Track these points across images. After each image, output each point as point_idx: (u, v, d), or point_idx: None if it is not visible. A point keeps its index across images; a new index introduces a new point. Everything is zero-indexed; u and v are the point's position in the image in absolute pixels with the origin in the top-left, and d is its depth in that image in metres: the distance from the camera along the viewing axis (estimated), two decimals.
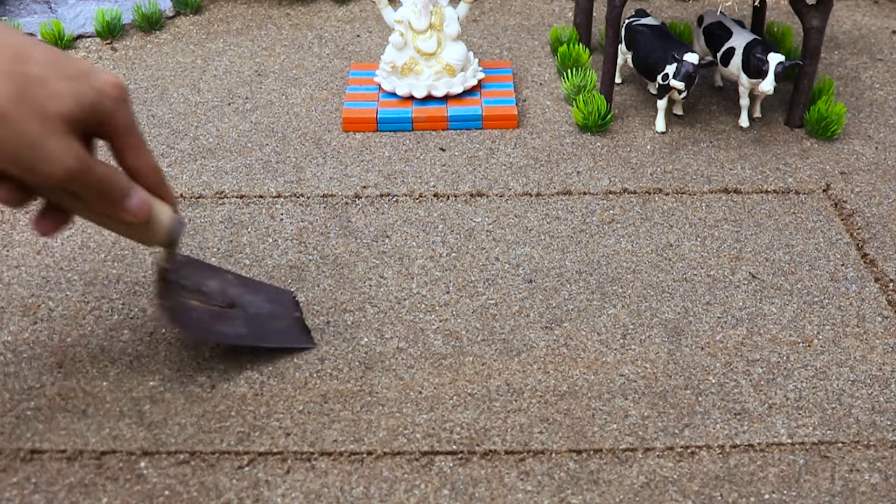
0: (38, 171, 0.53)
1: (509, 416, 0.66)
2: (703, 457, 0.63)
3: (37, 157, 0.53)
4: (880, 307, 0.76)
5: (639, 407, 0.67)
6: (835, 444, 0.64)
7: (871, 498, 0.60)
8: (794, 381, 0.69)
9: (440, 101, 1.05)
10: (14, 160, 0.52)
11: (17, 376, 0.69)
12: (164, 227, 0.64)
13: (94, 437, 0.64)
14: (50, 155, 0.53)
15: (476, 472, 0.62)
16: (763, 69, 0.96)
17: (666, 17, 1.28)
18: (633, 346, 0.72)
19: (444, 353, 0.71)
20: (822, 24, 0.97)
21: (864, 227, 0.86)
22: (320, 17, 1.33)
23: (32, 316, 0.75)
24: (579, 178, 0.93)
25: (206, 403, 0.67)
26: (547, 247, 0.83)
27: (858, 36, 1.26)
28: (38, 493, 0.60)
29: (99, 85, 0.56)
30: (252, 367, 0.70)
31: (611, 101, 1.02)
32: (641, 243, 0.84)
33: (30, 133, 0.52)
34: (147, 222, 0.62)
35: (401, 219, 0.87)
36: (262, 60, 1.20)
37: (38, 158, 0.53)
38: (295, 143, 1.00)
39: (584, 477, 0.61)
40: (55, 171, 0.53)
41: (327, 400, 0.67)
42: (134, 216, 0.60)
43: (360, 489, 0.60)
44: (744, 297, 0.77)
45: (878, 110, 1.07)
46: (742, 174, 0.94)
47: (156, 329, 0.74)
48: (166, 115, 1.06)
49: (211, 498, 0.60)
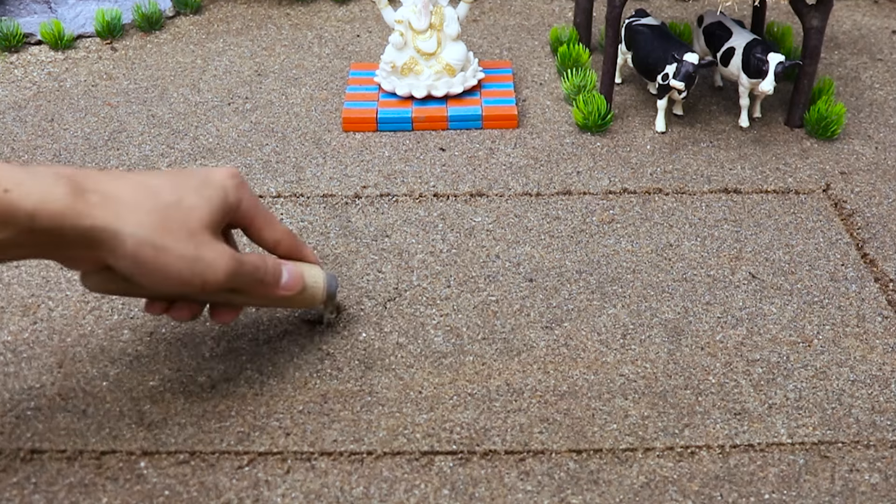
0: (205, 283, 0.58)
1: (509, 416, 0.66)
2: (703, 457, 0.63)
3: (199, 272, 0.58)
4: (880, 307, 0.76)
5: (639, 407, 0.67)
6: (835, 444, 0.64)
7: (871, 498, 0.60)
8: (794, 381, 0.69)
9: (440, 101, 1.05)
10: (183, 282, 0.58)
11: (17, 376, 0.69)
12: (321, 287, 0.69)
13: (94, 437, 0.64)
14: (209, 264, 0.58)
15: (476, 472, 0.62)
16: (763, 69, 0.96)
17: (666, 17, 1.28)
18: (633, 346, 0.72)
19: (444, 352, 0.71)
20: (822, 24, 0.97)
21: (864, 227, 0.86)
22: (320, 17, 1.33)
23: (32, 316, 0.75)
24: (579, 178, 0.93)
25: (206, 403, 0.67)
26: (547, 246, 0.83)
27: (858, 36, 1.26)
28: (38, 493, 0.60)
29: (219, 182, 0.61)
30: (252, 367, 0.70)
31: (611, 101, 1.02)
32: (641, 243, 0.84)
33: (186, 253, 0.57)
34: (304, 290, 0.67)
35: (401, 219, 0.87)
36: (262, 60, 1.20)
37: (201, 272, 0.58)
38: (295, 143, 1.00)
39: (584, 477, 0.61)
40: (218, 277, 0.59)
41: (327, 400, 0.67)
42: (291, 290, 0.65)
43: (360, 489, 0.60)
44: (744, 297, 0.77)
45: (878, 110, 1.07)
46: (742, 174, 0.94)
47: (156, 329, 0.74)
48: (166, 115, 1.06)
49: (211, 498, 0.60)
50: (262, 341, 0.72)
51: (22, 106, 1.09)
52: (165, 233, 0.56)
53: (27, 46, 1.23)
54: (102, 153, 0.99)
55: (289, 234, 0.67)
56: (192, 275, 0.57)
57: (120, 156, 0.98)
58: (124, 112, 1.07)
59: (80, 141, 1.01)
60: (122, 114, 1.07)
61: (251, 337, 0.73)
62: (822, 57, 1.17)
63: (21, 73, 1.17)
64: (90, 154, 0.99)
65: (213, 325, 0.74)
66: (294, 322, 0.74)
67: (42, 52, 1.22)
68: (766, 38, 1.16)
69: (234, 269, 0.59)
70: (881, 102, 1.09)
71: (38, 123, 1.05)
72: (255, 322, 0.74)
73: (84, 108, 1.08)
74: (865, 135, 1.02)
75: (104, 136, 1.02)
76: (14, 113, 1.07)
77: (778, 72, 0.95)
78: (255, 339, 0.72)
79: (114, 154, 0.99)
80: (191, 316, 0.64)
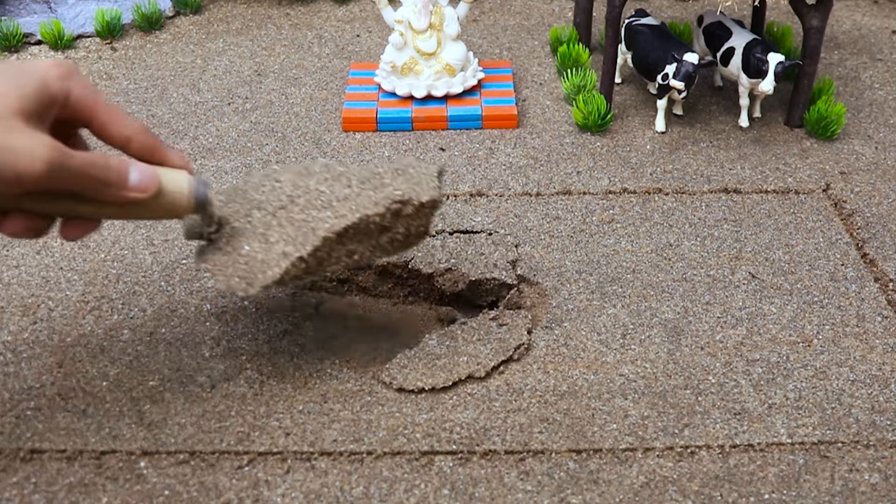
0: (19, 175, 0.51)
1: (509, 416, 0.66)
2: (702, 457, 0.63)
3: (9, 162, 0.51)
4: (880, 307, 0.76)
5: (639, 407, 0.67)
6: (835, 444, 0.64)
7: (870, 498, 0.60)
8: (794, 381, 0.69)
9: (440, 101, 1.05)
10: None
11: (17, 376, 0.69)
12: (184, 192, 0.59)
13: (93, 437, 0.64)
14: (20, 152, 0.51)
15: (476, 471, 0.62)
16: (763, 69, 0.96)
17: (666, 17, 1.28)
18: (633, 346, 0.72)
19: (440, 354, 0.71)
20: (821, 24, 0.97)
21: (863, 227, 0.86)
22: (320, 17, 1.33)
23: (32, 316, 0.75)
24: (579, 178, 0.93)
25: (206, 403, 0.67)
26: (547, 246, 0.83)
27: (858, 36, 1.26)
28: (37, 493, 0.60)
29: (40, 71, 0.54)
30: (252, 367, 0.70)
31: (611, 101, 1.02)
32: (641, 243, 0.84)
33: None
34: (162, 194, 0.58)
35: None
36: (262, 60, 1.20)
37: (11, 162, 0.51)
38: (295, 143, 1.00)
39: (584, 477, 0.61)
40: (35, 167, 0.51)
41: (327, 400, 0.67)
42: (143, 191, 0.57)
43: (360, 489, 0.60)
44: (744, 297, 0.77)
45: (877, 110, 1.07)
46: (742, 174, 0.94)
47: (156, 329, 0.74)
48: (166, 115, 1.06)
49: (211, 498, 0.60)
50: (262, 341, 0.72)
51: None
52: None
53: (27, 46, 1.23)
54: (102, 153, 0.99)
55: (143, 130, 0.59)
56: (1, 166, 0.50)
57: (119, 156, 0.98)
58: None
59: None
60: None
61: (251, 337, 0.73)
62: (822, 57, 1.17)
63: None
64: None
65: (213, 325, 0.74)
66: (294, 322, 0.74)
67: (42, 52, 1.22)
68: (766, 38, 1.16)
69: (57, 160, 0.52)
70: (881, 102, 1.09)
71: None
72: (255, 322, 0.74)
73: None
74: (865, 135, 1.02)
75: None
76: None
77: (778, 72, 0.95)
78: (255, 339, 0.72)
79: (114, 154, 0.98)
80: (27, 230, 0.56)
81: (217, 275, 0.63)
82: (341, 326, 0.75)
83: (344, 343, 0.73)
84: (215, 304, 0.76)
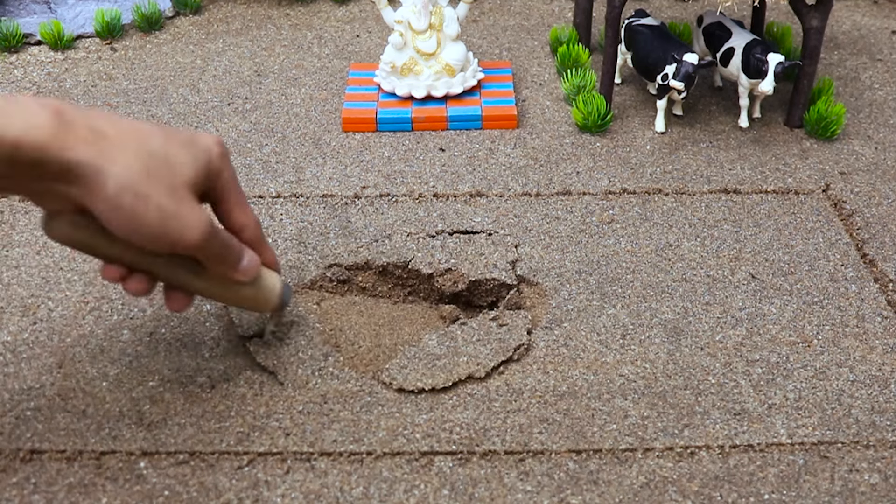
0: (178, 242, 0.56)
1: (509, 417, 0.66)
2: (702, 457, 0.63)
3: (176, 229, 0.55)
4: (880, 307, 0.76)
5: (638, 407, 0.67)
6: (834, 445, 0.64)
7: (870, 498, 0.60)
8: (794, 382, 0.69)
9: (440, 102, 1.05)
10: (156, 237, 0.55)
11: (17, 376, 0.69)
12: (276, 291, 0.67)
13: (93, 438, 0.64)
14: (186, 222, 0.55)
15: (476, 472, 0.62)
16: (763, 69, 0.96)
17: (666, 17, 1.28)
18: (633, 347, 0.72)
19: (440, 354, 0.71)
20: (821, 24, 0.97)
21: (863, 227, 0.86)
22: (320, 18, 1.33)
23: (32, 316, 0.75)
24: (579, 179, 0.93)
25: (206, 404, 0.67)
26: (547, 247, 0.83)
27: (858, 36, 1.26)
28: (37, 493, 0.60)
29: (207, 146, 0.59)
30: (251, 367, 0.70)
31: (610, 102, 1.02)
32: (641, 243, 0.84)
33: (166, 206, 0.54)
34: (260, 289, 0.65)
35: (401, 219, 0.87)
36: (262, 61, 1.20)
37: (178, 229, 0.55)
38: (294, 144, 1.00)
39: (584, 477, 0.61)
40: (193, 237, 0.56)
41: (327, 400, 0.67)
42: (245, 275, 0.62)
43: (359, 489, 0.60)
44: (743, 297, 0.77)
45: (877, 110, 1.07)
46: (742, 174, 0.94)
47: (155, 329, 0.74)
48: (166, 115, 1.06)
49: (210, 498, 0.60)
50: (262, 341, 0.72)
51: None
52: (149, 181, 0.53)
53: (27, 47, 1.23)
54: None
55: (257, 223, 0.65)
56: (166, 230, 0.55)
57: None
58: (124, 112, 1.07)
59: None
60: (121, 114, 1.07)
61: (251, 337, 0.73)
62: (821, 57, 1.17)
63: (21, 73, 1.17)
64: None
65: (213, 325, 0.74)
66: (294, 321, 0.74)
67: (42, 52, 1.22)
68: (766, 39, 1.16)
69: (209, 233, 0.57)
70: (881, 102, 1.09)
71: None
72: (255, 322, 0.74)
73: None
74: (865, 135, 1.02)
75: None
76: None
77: (777, 72, 0.95)
78: (255, 339, 0.72)
79: None
80: (145, 290, 0.61)
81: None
82: (342, 326, 0.75)
83: (344, 343, 0.73)
84: (215, 304, 0.76)
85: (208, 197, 0.62)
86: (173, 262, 0.60)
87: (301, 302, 0.75)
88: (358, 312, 0.76)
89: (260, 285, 0.66)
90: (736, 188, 0.92)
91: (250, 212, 0.64)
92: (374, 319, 0.75)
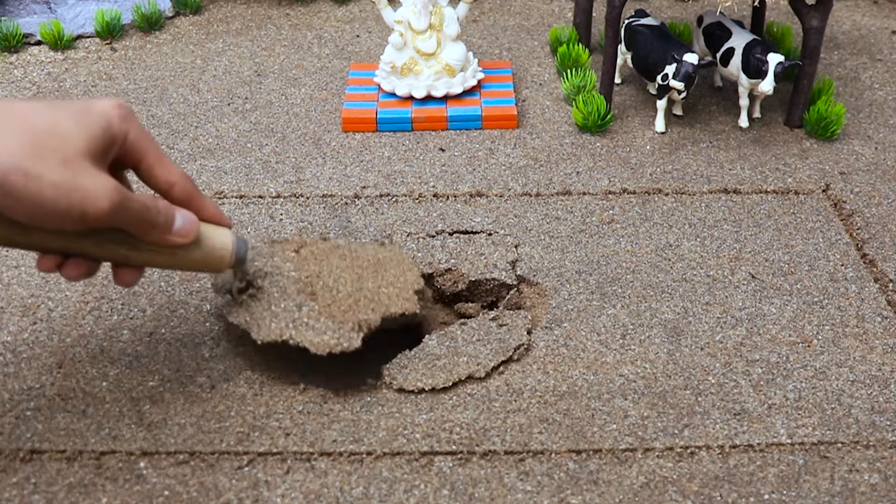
0: (84, 215, 0.53)
1: (509, 417, 0.66)
2: (702, 457, 0.63)
3: (78, 201, 0.53)
4: (880, 307, 0.76)
5: (638, 407, 0.67)
6: (834, 445, 0.64)
7: (870, 498, 0.60)
8: (794, 382, 0.69)
9: (440, 102, 1.05)
10: (60, 213, 0.53)
11: (17, 376, 0.69)
12: (228, 247, 0.63)
13: (93, 438, 0.64)
14: (89, 194, 0.53)
15: (476, 472, 0.62)
16: (763, 69, 0.96)
17: (666, 17, 1.28)
18: (633, 347, 0.72)
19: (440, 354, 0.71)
20: (821, 24, 0.97)
21: (863, 227, 0.86)
22: (320, 18, 1.33)
23: (32, 316, 0.75)
24: (579, 179, 0.93)
25: (206, 404, 0.67)
26: (547, 247, 0.83)
27: (858, 36, 1.26)
28: (37, 493, 0.60)
29: (103, 111, 0.57)
30: (251, 367, 0.70)
31: (610, 102, 1.02)
32: (641, 243, 0.84)
33: (62, 182, 0.52)
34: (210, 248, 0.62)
35: (401, 219, 0.87)
36: (262, 61, 1.20)
37: (80, 201, 0.53)
38: (294, 144, 1.00)
39: (584, 477, 0.61)
40: (101, 206, 0.54)
41: (327, 400, 0.67)
42: (184, 236, 0.60)
43: (359, 489, 0.60)
44: (743, 297, 0.77)
45: (877, 110, 1.07)
46: (742, 174, 0.94)
47: (155, 329, 0.74)
48: (166, 115, 1.06)
49: (210, 498, 0.60)
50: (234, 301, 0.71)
51: None
52: (38, 159, 0.52)
53: (27, 47, 1.23)
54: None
55: (185, 177, 0.62)
56: (69, 205, 0.53)
57: None
58: None
59: None
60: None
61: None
62: (821, 57, 1.17)
63: (21, 73, 1.17)
64: None
65: (213, 325, 0.74)
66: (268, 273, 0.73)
67: (42, 52, 1.22)
68: (766, 39, 1.16)
69: (119, 201, 0.55)
70: (881, 102, 1.09)
71: None
72: None
73: None
74: (865, 135, 1.02)
75: None
76: None
77: (777, 72, 0.95)
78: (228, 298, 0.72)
79: None
80: (84, 273, 0.59)
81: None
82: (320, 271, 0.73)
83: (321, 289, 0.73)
84: (215, 303, 0.76)
85: (124, 162, 0.59)
86: (104, 238, 0.58)
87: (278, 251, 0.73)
88: (340, 256, 0.73)
89: (208, 245, 0.62)
90: (736, 188, 0.92)
91: (175, 168, 0.61)
92: (356, 262, 0.73)
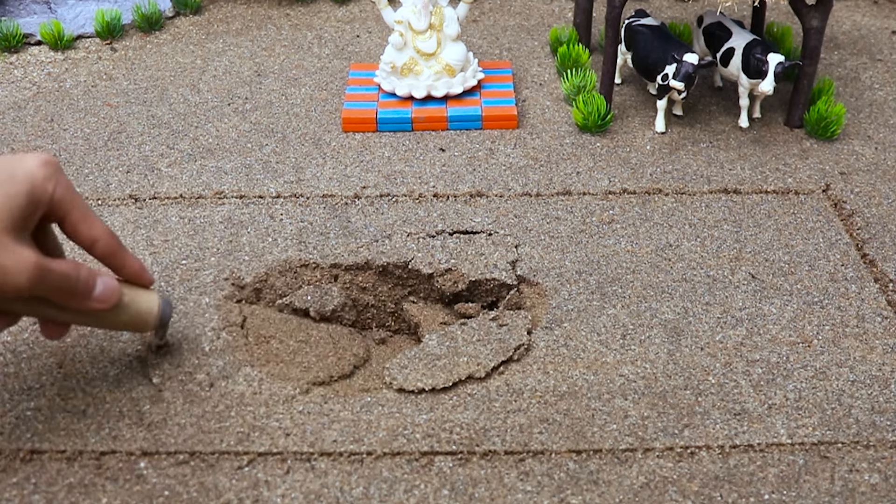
0: (5, 290, 0.54)
1: (509, 417, 0.66)
2: (702, 457, 0.63)
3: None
4: (880, 307, 0.76)
5: (638, 407, 0.67)
6: (834, 445, 0.64)
7: (870, 498, 0.60)
8: (794, 382, 0.69)
9: (440, 102, 1.05)
10: None
11: (17, 376, 0.69)
12: (153, 312, 0.65)
13: (93, 438, 0.64)
14: (8, 270, 0.54)
15: (476, 472, 0.62)
16: (763, 69, 0.96)
17: (666, 17, 1.28)
18: (633, 347, 0.72)
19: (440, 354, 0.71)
20: (821, 24, 0.97)
21: (863, 227, 0.86)
22: (320, 18, 1.33)
23: None
24: (579, 179, 0.93)
25: (206, 403, 0.67)
26: (547, 247, 0.83)
27: (858, 36, 1.26)
28: (37, 494, 0.60)
29: (26, 175, 0.56)
30: (251, 367, 0.70)
31: (610, 102, 1.02)
32: (641, 243, 0.84)
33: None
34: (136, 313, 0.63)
35: (401, 219, 0.87)
36: (262, 61, 1.20)
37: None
38: (295, 144, 1.00)
39: (584, 477, 0.61)
40: (19, 282, 0.54)
41: (327, 400, 0.67)
42: (104, 302, 0.60)
43: (359, 489, 0.60)
44: (743, 297, 0.77)
45: (877, 110, 1.07)
46: (742, 174, 0.94)
47: None
48: (166, 116, 1.06)
49: (211, 498, 0.60)
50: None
51: (22, 106, 1.09)
52: None
53: (27, 47, 1.23)
54: (102, 154, 0.99)
55: (109, 233, 0.61)
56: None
57: (119, 156, 0.98)
58: (124, 112, 1.07)
59: (80, 141, 1.01)
60: (121, 114, 1.07)
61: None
62: (821, 57, 1.17)
63: (21, 73, 1.17)
64: (90, 154, 0.99)
65: (212, 316, 0.74)
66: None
67: (42, 52, 1.22)
68: (766, 39, 1.16)
69: (38, 276, 0.55)
70: (881, 103, 1.09)
71: (38, 124, 1.05)
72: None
73: (84, 109, 1.08)
74: (865, 135, 1.02)
75: (104, 136, 1.02)
76: (14, 113, 1.07)
77: (778, 72, 0.95)
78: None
79: (113, 154, 0.99)
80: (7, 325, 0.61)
81: None
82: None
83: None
84: (214, 296, 0.76)
85: (49, 218, 0.59)
86: (31, 300, 0.59)
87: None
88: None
89: (133, 309, 0.63)
90: (736, 188, 0.92)
91: (99, 224, 0.61)
92: None
